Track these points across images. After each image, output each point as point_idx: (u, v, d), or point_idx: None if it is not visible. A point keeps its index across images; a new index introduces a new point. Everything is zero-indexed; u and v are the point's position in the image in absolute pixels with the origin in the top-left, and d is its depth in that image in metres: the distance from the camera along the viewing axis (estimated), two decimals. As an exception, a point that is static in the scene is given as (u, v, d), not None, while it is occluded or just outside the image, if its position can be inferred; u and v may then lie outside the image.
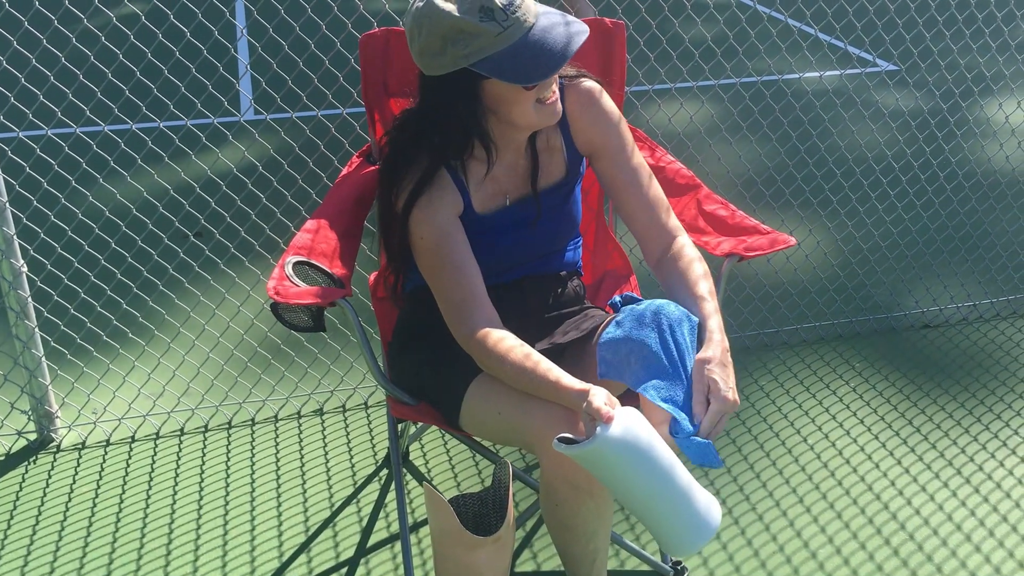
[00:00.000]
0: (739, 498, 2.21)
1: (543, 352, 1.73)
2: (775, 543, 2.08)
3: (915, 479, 2.26)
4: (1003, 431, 2.43)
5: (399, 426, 2.16)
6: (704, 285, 1.57)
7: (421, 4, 1.48)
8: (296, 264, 1.60)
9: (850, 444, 2.39)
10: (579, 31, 1.49)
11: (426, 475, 2.30)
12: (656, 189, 1.70)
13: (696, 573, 1.99)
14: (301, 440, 2.42)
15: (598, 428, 1.28)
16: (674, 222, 1.69)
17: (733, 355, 2.78)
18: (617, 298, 1.63)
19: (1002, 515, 2.15)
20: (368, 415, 2.52)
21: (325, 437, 2.43)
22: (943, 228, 3.56)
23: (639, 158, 1.72)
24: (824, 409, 2.52)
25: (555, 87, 1.56)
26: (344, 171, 1.92)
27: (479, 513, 1.42)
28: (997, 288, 3.12)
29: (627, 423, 1.28)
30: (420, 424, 2.41)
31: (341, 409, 2.55)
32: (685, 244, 1.66)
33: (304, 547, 2.07)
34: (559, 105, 1.56)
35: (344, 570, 2.01)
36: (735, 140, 4.39)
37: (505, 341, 1.50)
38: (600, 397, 1.33)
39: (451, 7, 1.44)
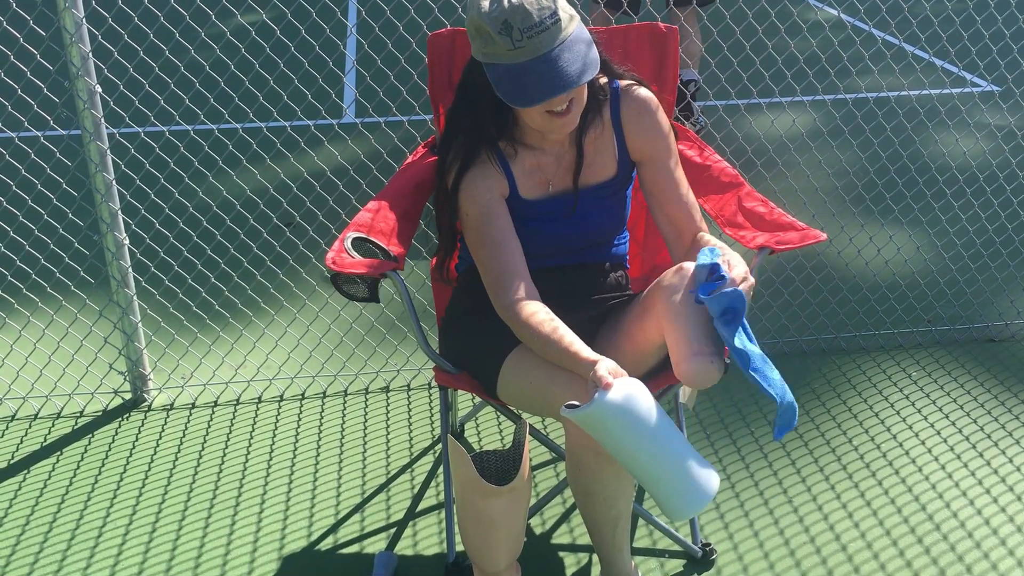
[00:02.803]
0: (777, 491, 2.28)
1: (579, 324, 1.86)
2: (807, 535, 2.14)
3: (959, 486, 2.29)
4: (1054, 445, 2.44)
5: (450, 399, 2.30)
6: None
7: None
8: (355, 239, 1.76)
9: (895, 448, 2.42)
10: (586, 74, 1.58)
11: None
12: (691, 194, 1.83)
13: (725, 557, 2.08)
14: (366, 414, 2.59)
15: (596, 394, 1.39)
16: (702, 223, 1.82)
17: (793, 359, 2.84)
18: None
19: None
20: (430, 395, 2.68)
21: (388, 412, 2.60)
22: (1009, 242, 3.52)
23: (680, 169, 1.84)
24: (874, 414, 2.56)
25: (574, 102, 1.65)
26: (409, 159, 2.08)
27: (500, 469, 1.55)
28: (1070, 307, 3.09)
29: (625, 391, 1.39)
30: (476, 403, 2.55)
31: (406, 388, 2.71)
32: (706, 232, 1.81)
33: (358, 508, 2.24)
34: (572, 119, 1.66)
35: (393, 530, 2.16)
36: (832, 149, 4.42)
37: (537, 314, 1.63)
38: (604, 367, 1.45)
39: (485, 6, 1.57)
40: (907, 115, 4.92)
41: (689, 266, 1.63)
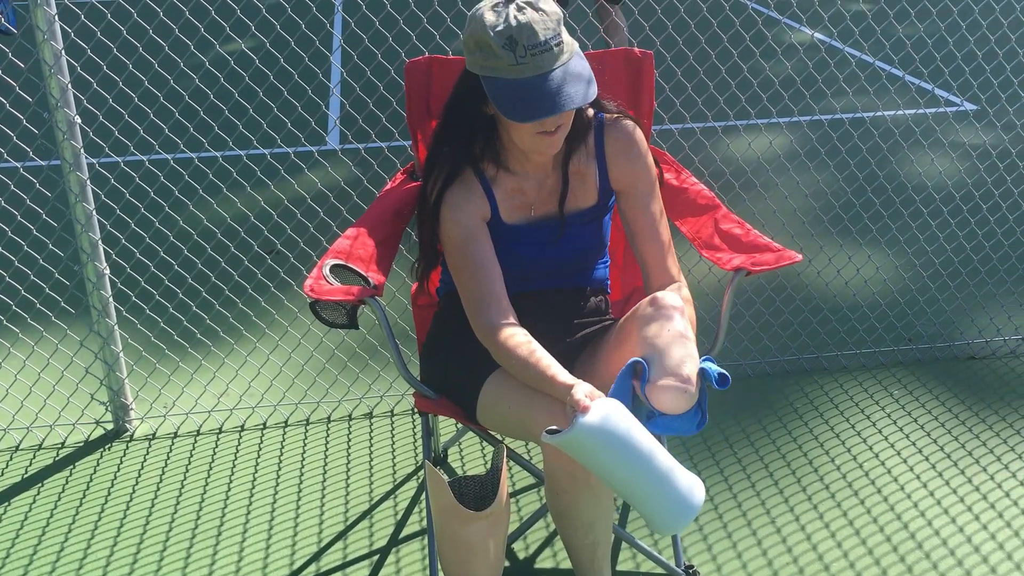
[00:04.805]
0: (760, 511, 2.28)
1: (559, 349, 1.86)
2: (790, 555, 2.14)
3: (940, 504, 2.30)
4: (1034, 461, 2.45)
5: (431, 425, 2.30)
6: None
7: (481, 4, 1.64)
8: (334, 266, 1.76)
9: (878, 467, 2.43)
10: (588, 96, 1.62)
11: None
12: (667, 233, 1.85)
13: (709, 578, 2.08)
14: (350, 441, 2.59)
15: (575, 418, 1.40)
16: (676, 268, 1.84)
17: (774, 379, 2.85)
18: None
19: None
20: (413, 421, 2.67)
21: (372, 439, 2.59)
22: (987, 260, 3.56)
23: (659, 203, 1.87)
24: (856, 433, 2.57)
25: (562, 124, 1.68)
26: (388, 186, 2.09)
27: (479, 495, 1.55)
28: (1047, 323, 3.12)
29: (603, 413, 1.40)
30: (459, 428, 2.55)
31: (389, 414, 2.71)
32: (682, 289, 1.82)
33: (341, 536, 2.23)
34: (558, 141, 1.69)
35: (376, 558, 2.16)
36: (809, 170, 4.46)
37: (515, 337, 1.64)
38: (581, 390, 1.46)
39: (491, 20, 1.60)
40: (883, 135, 4.97)
41: (663, 298, 1.63)
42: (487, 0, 1.64)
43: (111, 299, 2.55)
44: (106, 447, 2.58)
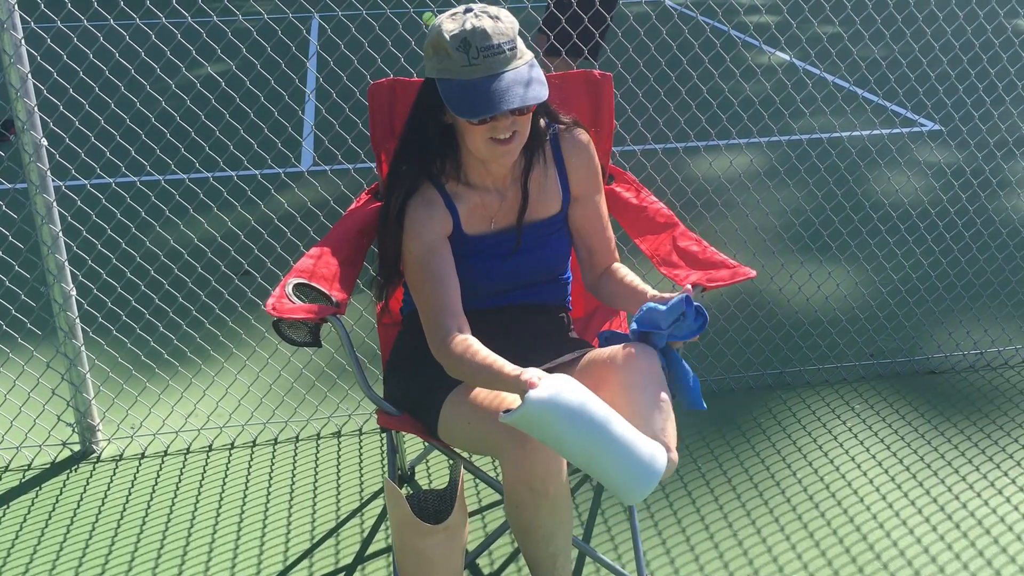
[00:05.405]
0: (722, 524, 2.32)
1: (520, 366, 1.89)
2: (751, 568, 2.18)
3: (899, 515, 2.34)
4: (993, 472, 2.50)
5: (396, 442, 2.32)
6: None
7: (441, 14, 1.69)
8: (297, 285, 1.79)
9: (839, 480, 2.48)
10: (534, 96, 1.67)
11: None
12: (610, 228, 2.00)
13: (672, 590, 2.11)
14: (317, 460, 2.60)
15: (526, 395, 1.44)
16: (616, 254, 2.00)
17: (739, 394, 2.90)
18: (606, 333, 1.82)
19: (986, 558, 2.23)
20: (381, 439, 2.69)
21: (340, 457, 2.61)
22: (945, 276, 3.64)
23: (604, 204, 1.99)
24: (818, 447, 2.62)
25: (517, 133, 1.73)
26: (352, 205, 2.12)
27: (439, 509, 1.57)
28: (1005, 337, 3.19)
29: (552, 387, 1.44)
30: (427, 446, 2.57)
31: (357, 432, 2.72)
32: (622, 264, 1.97)
33: (307, 554, 2.24)
34: (514, 150, 1.73)
35: (342, 574, 2.17)
36: (769, 189, 4.53)
37: (465, 341, 1.68)
38: (530, 372, 1.50)
39: (449, 27, 1.67)
40: (841, 154, 5.06)
41: (642, 353, 1.69)
42: (448, 11, 1.70)
43: (78, 320, 2.55)
44: (73, 468, 2.58)
